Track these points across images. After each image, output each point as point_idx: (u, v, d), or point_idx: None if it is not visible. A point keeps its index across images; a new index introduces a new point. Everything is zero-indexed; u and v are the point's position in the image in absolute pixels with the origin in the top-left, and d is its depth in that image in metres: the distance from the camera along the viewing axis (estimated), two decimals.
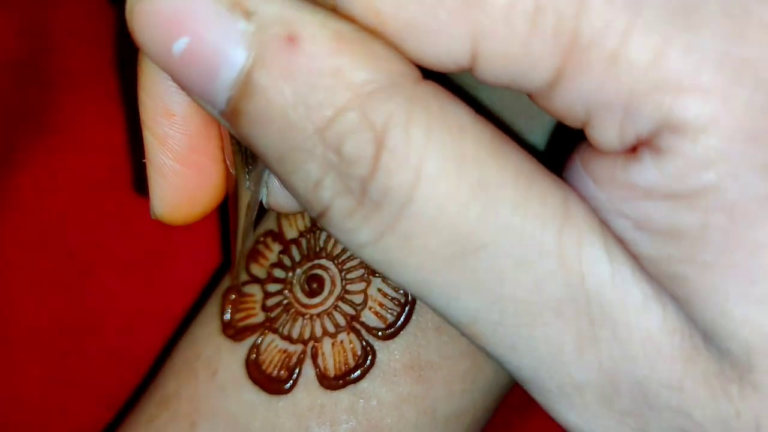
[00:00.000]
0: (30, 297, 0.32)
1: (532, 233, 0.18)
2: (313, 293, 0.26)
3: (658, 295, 0.18)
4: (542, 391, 0.19)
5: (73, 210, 0.32)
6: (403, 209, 0.18)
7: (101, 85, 0.33)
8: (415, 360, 0.25)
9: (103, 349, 0.32)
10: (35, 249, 0.32)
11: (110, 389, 0.32)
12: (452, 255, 0.18)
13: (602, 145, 0.18)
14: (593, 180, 0.18)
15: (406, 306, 0.25)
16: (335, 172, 0.17)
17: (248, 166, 0.22)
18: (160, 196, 0.22)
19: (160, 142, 0.21)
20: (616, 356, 0.18)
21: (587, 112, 0.17)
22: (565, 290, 0.18)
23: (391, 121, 0.17)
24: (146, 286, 0.33)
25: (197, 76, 0.18)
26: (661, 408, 0.19)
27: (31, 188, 0.32)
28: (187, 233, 0.33)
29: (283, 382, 0.26)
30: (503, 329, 0.19)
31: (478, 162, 0.18)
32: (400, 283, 0.19)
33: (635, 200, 0.17)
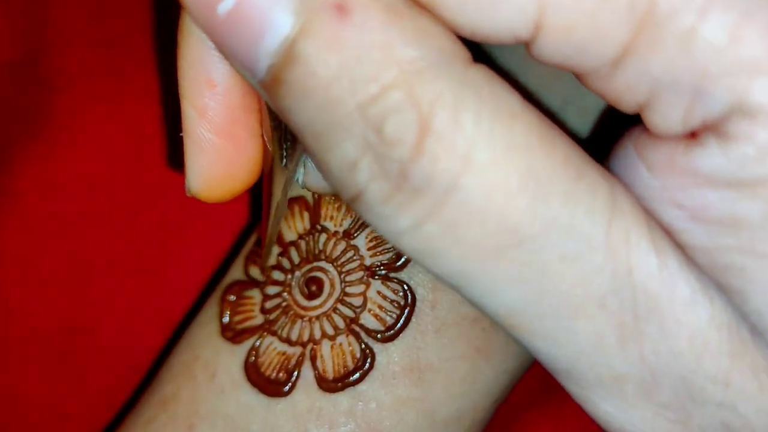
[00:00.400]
0: (29, 297, 0.32)
1: (581, 227, 0.17)
2: (312, 295, 0.26)
3: (705, 289, 0.18)
4: (578, 381, 0.19)
5: (72, 211, 0.32)
6: (447, 197, 0.17)
7: (100, 85, 0.33)
8: (414, 362, 0.25)
9: (102, 349, 0.32)
10: (34, 249, 0.32)
11: (109, 390, 0.32)
12: (497, 247, 0.17)
13: (662, 129, 0.17)
14: (647, 167, 0.18)
15: (405, 308, 0.25)
16: (373, 154, 0.17)
17: (286, 143, 0.21)
18: (196, 170, 0.21)
19: (200, 113, 0.21)
20: (660, 350, 0.18)
21: (650, 93, 0.17)
22: (610, 284, 0.18)
23: (439, 102, 0.16)
24: (145, 287, 0.32)
25: (240, 39, 0.17)
26: (705, 402, 0.18)
27: (29, 189, 0.32)
28: (187, 235, 0.33)
29: (282, 384, 0.26)
30: (545, 322, 0.18)
31: (529, 151, 0.17)
32: (437, 273, 0.18)
33: (694, 188, 0.17)
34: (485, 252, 0.17)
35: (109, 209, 0.32)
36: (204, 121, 0.21)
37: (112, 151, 0.33)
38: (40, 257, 0.32)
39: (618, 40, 0.16)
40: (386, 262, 0.26)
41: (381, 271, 0.26)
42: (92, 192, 0.32)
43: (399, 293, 0.26)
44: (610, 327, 0.18)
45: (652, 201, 0.18)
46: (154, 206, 0.33)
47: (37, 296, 0.32)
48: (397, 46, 0.16)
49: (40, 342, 0.32)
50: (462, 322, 0.26)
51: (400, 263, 0.26)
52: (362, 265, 0.26)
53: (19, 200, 0.32)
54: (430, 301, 0.26)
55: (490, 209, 0.17)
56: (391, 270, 0.26)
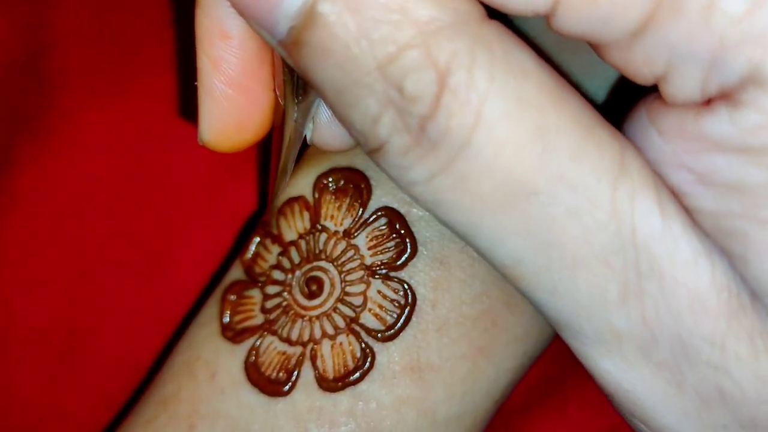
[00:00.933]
0: (29, 297, 0.32)
1: (587, 183, 0.18)
2: (312, 295, 0.26)
3: (707, 252, 0.18)
4: (578, 336, 0.19)
5: (72, 210, 0.32)
6: (461, 151, 0.18)
7: (100, 85, 0.33)
8: (414, 362, 0.25)
9: (102, 349, 0.32)
10: (34, 249, 0.32)
11: (109, 390, 0.32)
12: (504, 199, 0.18)
13: (677, 97, 0.18)
14: (659, 132, 0.18)
15: (405, 308, 0.25)
16: (395, 109, 0.17)
17: (298, 98, 0.21)
18: (208, 120, 0.22)
19: (214, 64, 0.21)
20: (660, 309, 0.18)
21: (668, 64, 0.17)
22: (614, 241, 0.18)
23: (455, 60, 0.17)
24: (145, 287, 0.32)
25: (260, 2, 0.18)
26: (700, 363, 0.19)
27: (29, 188, 0.32)
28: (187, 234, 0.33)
29: (282, 384, 0.25)
30: (547, 274, 0.19)
31: (539, 108, 0.18)
32: (446, 222, 0.19)
33: (703, 153, 0.17)
34: (493, 204, 0.18)
35: (110, 209, 0.32)
36: (218, 72, 0.21)
37: (112, 150, 0.32)
38: (40, 257, 0.32)
39: (638, 12, 0.17)
40: (387, 261, 0.26)
41: (381, 271, 0.26)
42: (93, 191, 0.32)
43: (399, 292, 0.25)
44: (612, 283, 0.18)
45: (663, 165, 0.18)
46: (155, 206, 0.33)
47: (37, 296, 0.32)
48: (413, 7, 0.17)
49: (40, 342, 0.32)
50: (463, 321, 0.25)
51: (400, 262, 0.25)
52: (362, 264, 0.26)
53: (20, 199, 0.32)
54: (431, 300, 0.25)
55: (499, 163, 0.18)
56: (391, 269, 0.26)
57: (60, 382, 0.32)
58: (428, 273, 0.26)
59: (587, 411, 0.30)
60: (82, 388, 0.32)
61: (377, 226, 0.26)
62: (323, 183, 0.26)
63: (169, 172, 0.33)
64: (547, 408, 0.30)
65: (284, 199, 0.27)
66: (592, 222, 0.18)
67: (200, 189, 0.33)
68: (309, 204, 0.27)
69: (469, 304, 0.25)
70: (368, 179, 0.26)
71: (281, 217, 0.27)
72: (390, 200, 0.26)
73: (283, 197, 0.27)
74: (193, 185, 0.33)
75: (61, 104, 0.32)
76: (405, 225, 0.26)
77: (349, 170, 0.26)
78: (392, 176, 0.19)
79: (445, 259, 0.26)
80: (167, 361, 0.28)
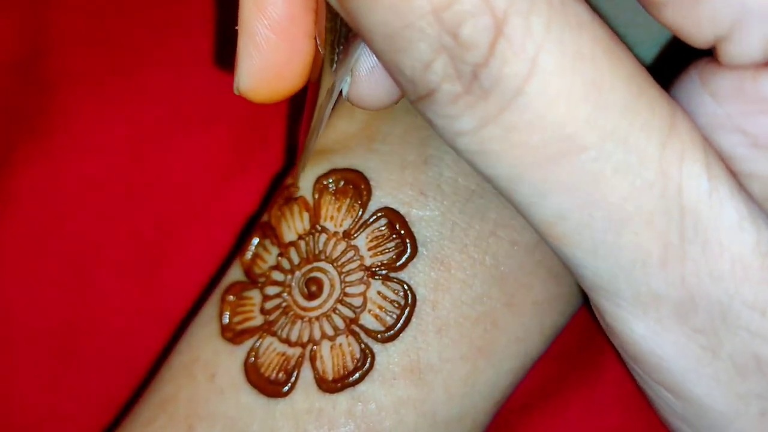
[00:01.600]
0: (28, 298, 0.32)
1: (637, 141, 0.18)
2: (312, 296, 0.26)
3: (754, 217, 0.18)
4: (614, 298, 0.19)
5: (72, 211, 0.32)
6: (512, 100, 0.17)
7: (100, 86, 0.33)
8: (414, 363, 0.25)
9: (101, 350, 0.32)
10: (34, 249, 0.32)
11: (108, 391, 0.32)
12: (552, 153, 0.18)
13: (738, 57, 0.17)
14: (712, 95, 0.18)
15: (405, 309, 0.25)
16: (447, 55, 0.17)
17: (338, 47, 0.21)
18: (247, 68, 0.21)
19: (259, 8, 0.21)
20: (701, 272, 0.18)
21: (735, 20, 0.17)
22: (660, 202, 0.18)
23: (512, 7, 0.17)
24: (145, 287, 0.32)
25: None
26: (739, 329, 0.19)
27: (29, 189, 0.32)
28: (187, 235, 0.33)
29: (282, 385, 0.25)
30: (588, 232, 0.18)
31: (594, 61, 0.17)
32: (488, 175, 0.18)
33: (760, 114, 0.17)
34: (540, 157, 0.18)
35: (109, 209, 0.32)
36: (262, 16, 0.21)
37: (112, 150, 0.32)
38: (40, 257, 0.32)
39: None
40: (386, 262, 0.26)
41: (381, 271, 0.25)
42: (92, 192, 0.32)
43: (399, 293, 0.25)
44: (654, 246, 0.18)
45: (714, 129, 0.18)
46: (154, 206, 0.33)
47: (36, 296, 0.32)
48: None
49: (39, 342, 0.32)
50: (463, 322, 0.25)
51: (400, 263, 0.25)
52: (362, 265, 0.26)
53: (19, 200, 0.32)
54: (431, 301, 0.25)
55: (551, 115, 0.17)
56: (391, 270, 0.25)
57: (59, 383, 0.32)
58: (428, 274, 0.25)
59: (588, 412, 0.30)
60: (81, 389, 0.32)
61: (377, 227, 0.26)
62: (323, 184, 0.26)
63: (168, 173, 0.33)
64: (547, 409, 0.30)
65: (293, 193, 0.27)
66: (640, 181, 0.18)
67: (199, 189, 0.33)
68: (308, 205, 0.26)
69: (470, 305, 0.25)
70: (368, 180, 0.26)
71: (281, 219, 0.27)
72: (390, 201, 0.26)
73: (282, 198, 0.27)
74: (193, 185, 0.33)
75: (61, 104, 0.32)
76: (405, 225, 0.26)
77: (348, 171, 0.26)
78: (438, 126, 0.18)
79: (446, 259, 0.25)
80: (166, 362, 0.28)
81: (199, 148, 0.33)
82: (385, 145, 0.26)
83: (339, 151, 0.27)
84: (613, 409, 0.30)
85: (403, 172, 0.26)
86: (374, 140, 0.27)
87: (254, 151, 0.33)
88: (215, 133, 0.33)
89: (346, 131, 0.28)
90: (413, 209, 0.26)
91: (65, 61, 0.33)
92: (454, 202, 0.26)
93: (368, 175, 0.26)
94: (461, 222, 0.26)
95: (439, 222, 0.26)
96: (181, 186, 0.33)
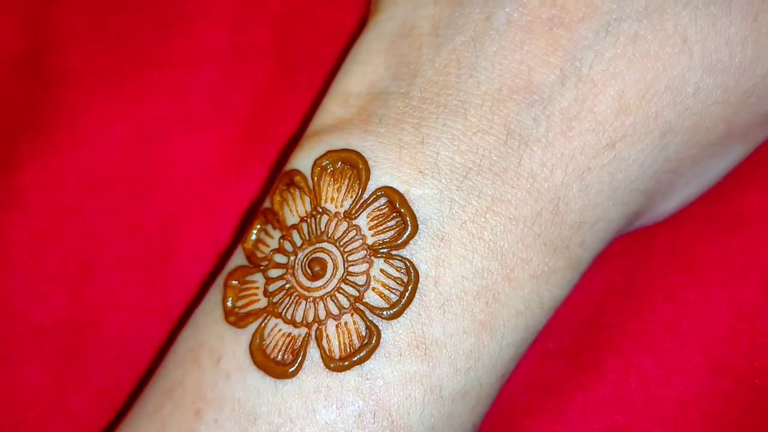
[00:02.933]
0: (31, 294, 0.32)
1: None
2: (315, 276, 0.26)
3: None
4: None
5: (76, 207, 0.32)
6: None
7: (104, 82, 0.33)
8: (419, 338, 0.26)
9: (105, 344, 0.32)
10: (37, 245, 0.32)
11: (112, 386, 0.32)
12: None
13: None
14: None
15: (408, 285, 0.26)
16: None
17: None
18: None
19: None
20: None
21: None
22: None
23: None
24: (149, 282, 0.32)
25: None
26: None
27: (32, 186, 0.32)
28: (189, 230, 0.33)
29: (288, 365, 0.26)
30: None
31: None
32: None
33: None
34: None
35: (112, 205, 0.33)
36: None
37: (115, 146, 0.33)
38: (43, 253, 0.32)
39: None
40: (388, 240, 0.26)
41: (383, 250, 0.26)
42: (95, 188, 0.33)
43: (402, 270, 0.26)
44: None
45: None
46: (157, 202, 0.33)
47: (40, 292, 0.32)
48: None
49: (43, 338, 0.32)
50: (465, 296, 0.26)
51: (401, 240, 0.26)
52: (364, 244, 0.26)
53: (23, 196, 0.32)
54: (433, 277, 0.26)
55: None
56: (393, 248, 0.26)
57: (63, 378, 0.32)
58: (429, 250, 0.26)
59: (587, 413, 0.30)
60: (85, 384, 0.32)
61: (377, 206, 0.26)
62: (321, 166, 0.27)
63: (171, 168, 0.33)
64: (547, 409, 0.30)
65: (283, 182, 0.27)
66: None
67: (202, 184, 0.33)
68: (309, 187, 0.27)
69: (470, 279, 0.26)
70: (366, 159, 0.26)
71: (284, 202, 0.27)
72: (389, 180, 0.26)
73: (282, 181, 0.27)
74: (195, 181, 0.33)
75: (64, 101, 0.33)
76: (405, 204, 0.26)
77: (346, 152, 0.27)
78: None
79: (446, 235, 0.26)
80: (171, 349, 0.28)
81: (203, 144, 0.33)
82: (381, 127, 0.27)
83: (335, 132, 0.27)
84: (613, 409, 0.30)
85: (401, 152, 0.26)
86: (370, 122, 0.27)
87: (257, 147, 0.34)
88: (218, 130, 0.34)
89: (341, 116, 0.28)
90: (412, 187, 0.26)
91: (69, 58, 0.33)
92: (451, 180, 0.26)
93: (366, 156, 0.26)
94: (459, 199, 0.26)
95: (438, 199, 0.26)
96: (185, 182, 0.33)
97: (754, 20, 0.27)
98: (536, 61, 0.26)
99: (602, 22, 0.26)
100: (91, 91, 0.33)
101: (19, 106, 0.33)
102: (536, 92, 0.26)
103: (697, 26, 0.26)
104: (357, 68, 0.29)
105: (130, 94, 0.34)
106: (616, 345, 0.31)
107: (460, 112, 0.27)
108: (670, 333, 0.31)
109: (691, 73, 0.26)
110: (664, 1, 0.26)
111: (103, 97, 0.33)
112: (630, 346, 0.31)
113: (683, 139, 0.27)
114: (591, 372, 0.30)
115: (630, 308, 0.31)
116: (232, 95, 0.35)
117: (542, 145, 0.26)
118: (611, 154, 0.27)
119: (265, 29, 0.35)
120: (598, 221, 0.27)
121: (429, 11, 0.28)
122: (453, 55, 0.27)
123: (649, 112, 0.26)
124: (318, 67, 0.35)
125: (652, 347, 0.31)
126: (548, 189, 0.26)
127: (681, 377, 0.30)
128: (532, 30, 0.26)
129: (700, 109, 0.27)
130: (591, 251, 0.28)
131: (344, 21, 0.35)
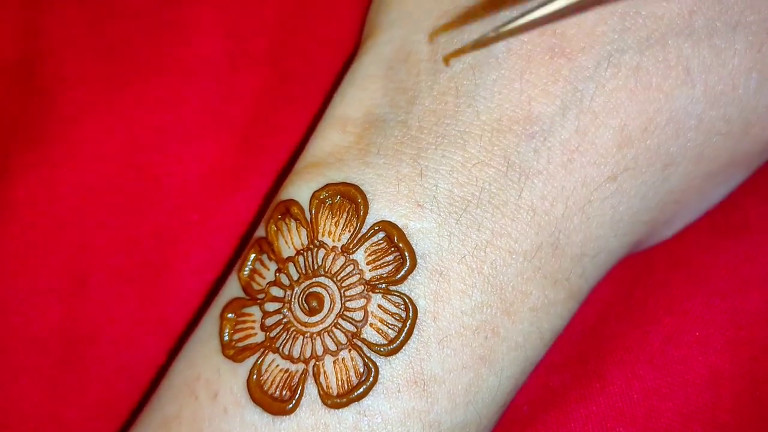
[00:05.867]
0: (26, 307, 0.32)
1: None
2: (312, 311, 0.26)
3: None
4: None
5: (71, 219, 0.32)
6: None
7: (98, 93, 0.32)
8: (418, 375, 0.25)
9: (101, 359, 0.32)
10: (32, 258, 0.32)
11: (108, 399, 0.32)
12: None
13: None
14: None
15: (407, 321, 0.25)
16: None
17: None
18: None
19: None
20: None
21: None
22: None
23: None
24: (145, 296, 0.32)
25: None
26: None
27: (27, 197, 0.32)
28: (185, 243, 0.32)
29: (286, 402, 0.25)
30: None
31: None
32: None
33: None
34: None
35: (108, 217, 0.32)
36: None
37: (110, 158, 0.32)
38: (38, 265, 0.32)
39: None
40: (386, 276, 0.26)
41: (381, 285, 0.26)
42: (90, 200, 0.32)
43: (400, 306, 0.25)
44: None
45: None
46: (153, 214, 0.32)
47: (35, 304, 0.32)
48: None
49: (38, 351, 0.32)
50: (464, 332, 0.26)
51: (400, 276, 0.25)
52: (362, 279, 0.26)
53: (17, 208, 0.32)
54: (431, 312, 0.25)
55: None
56: (391, 283, 0.25)
57: (59, 392, 0.32)
58: (428, 285, 0.26)
59: (589, 424, 0.30)
60: (80, 397, 0.32)
61: (375, 241, 0.26)
62: (320, 198, 0.26)
63: (166, 180, 0.33)
64: (549, 420, 0.30)
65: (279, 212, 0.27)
66: None
67: (197, 195, 0.33)
68: (306, 220, 0.26)
69: (469, 314, 0.26)
70: (364, 193, 0.26)
71: (279, 233, 0.27)
72: (387, 214, 0.26)
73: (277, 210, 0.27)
74: (190, 192, 0.33)
75: (58, 112, 0.32)
76: (403, 238, 0.26)
77: (345, 185, 0.26)
78: None
79: (444, 270, 0.26)
80: (166, 379, 0.28)
81: (198, 155, 0.33)
82: (380, 158, 0.26)
83: (333, 164, 0.27)
84: (615, 421, 0.30)
85: (399, 185, 0.26)
86: (368, 153, 0.27)
87: (252, 157, 0.33)
88: (214, 140, 0.33)
89: (338, 144, 0.27)
90: (411, 221, 0.26)
91: (63, 67, 0.33)
92: (450, 213, 0.26)
93: (364, 189, 0.26)
94: (458, 233, 0.26)
95: (437, 233, 0.26)
96: (180, 193, 0.32)
97: (758, 51, 0.26)
98: (536, 90, 0.26)
99: (603, 52, 0.26)
100: (85, 101, 0.33)
101: (11, 116, 0.33)
102: (536, 123, 0.26)
103: (700, 58, 0.26)
104: (354, 93, 0.28)
105: (124, 104, 0.33)
106: (618, 356, 0.31)
107: (459, 143, 0.26)
108: (671, 344, 0.31)
109: (693, 105, 0.26)
110: (666, 32, 0.26)
111: (96, 107, 0.33)
112: (632, 358, 0.31)
113: (686, 170, 0.27)
114: (593, 383, 0.30)
115: (632, 319, 0.31)
116: (228, 105, 0.34)
117: (543, 178, 0.26)
118: (613, 187, 0.26)
119: (260, 38, 0.35)
120: (599, 253, 0.27)
121: (426, 36, 0.27)
122: (451, 82, 0.26)
123: (651, 144, 0.26)
124: (314, 76, 0.34)
125: (654, 358, 0.31)
126: (549, 222, 0.26)
127: (683, 388, 0.30)
128: (532, 59, 0.26)
129: (703, 141, 0.26)
130: (592, 281, 0.28)
131: (340, 30, 0.35)
